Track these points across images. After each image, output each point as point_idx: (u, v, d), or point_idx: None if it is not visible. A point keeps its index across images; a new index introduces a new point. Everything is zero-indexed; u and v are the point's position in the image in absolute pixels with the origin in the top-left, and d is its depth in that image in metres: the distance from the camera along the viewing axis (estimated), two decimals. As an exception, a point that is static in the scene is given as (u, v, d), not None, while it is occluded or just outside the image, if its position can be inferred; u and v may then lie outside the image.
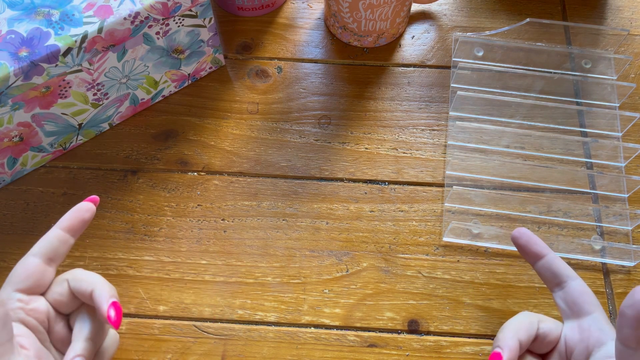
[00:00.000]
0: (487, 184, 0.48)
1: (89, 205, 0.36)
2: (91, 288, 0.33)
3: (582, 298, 0.34)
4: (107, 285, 0.34)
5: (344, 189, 0.47)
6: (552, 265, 0.35)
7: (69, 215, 0.35)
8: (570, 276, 0.35)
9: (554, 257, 0.35)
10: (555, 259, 0.35)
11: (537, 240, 0.36)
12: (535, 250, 0.36)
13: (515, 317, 0.36)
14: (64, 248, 0.35)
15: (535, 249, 0.36)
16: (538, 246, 0.36)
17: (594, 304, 0.34)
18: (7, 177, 0.46)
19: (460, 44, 0.53)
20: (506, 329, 0.34)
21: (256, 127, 0.50)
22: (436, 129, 0.50)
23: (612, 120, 0.50)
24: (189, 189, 0.47)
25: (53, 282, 0.35)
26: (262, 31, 0.55)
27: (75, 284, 0.34)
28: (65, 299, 0.34)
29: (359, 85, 0.52)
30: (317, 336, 0.42)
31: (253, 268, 0.44)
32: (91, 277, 0.34)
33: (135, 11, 0.41)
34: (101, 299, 0.32)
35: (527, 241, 0.36)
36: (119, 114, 0.49)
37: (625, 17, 0.56)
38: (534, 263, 0.36)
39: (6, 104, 0.40)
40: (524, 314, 0.36)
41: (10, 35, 0.39)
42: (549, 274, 0.35)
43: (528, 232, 0.36)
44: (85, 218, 0.35)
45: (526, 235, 0.36)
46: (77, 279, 0.34)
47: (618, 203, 0.47)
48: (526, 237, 0.36)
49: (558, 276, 0.35)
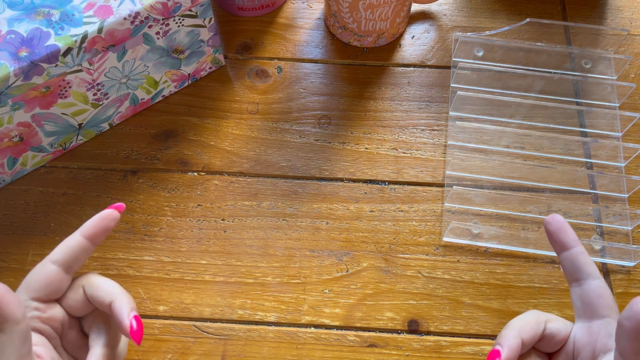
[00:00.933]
0: (487, 184, 0.48)
1: (115, 214, 0.34)
2: (110, 299, 0.32)
3: (599, 300, 0.33)
4: (127, 297, 0.33)
5: (344, 189, 0.47)
6: (577, 259, 0.34)
7: (93, 222, 0.34)
8: (591, 274, 0.33)
9: (581, 251, 0.34)
10: (582, 253, 0.34)
11: (568, 230, 0.34)
12: (563, 239, 0.34)
13: (522, 315, 0.35)
14: (84, 256, 0.34)
15: (564, 238, 0.34)
16: (567, 236, 0.34)
17: (609, 308, 0.33)
18: (7, 177, 0.46)
19: (460, 44, 0.53)
20: (510, 326, 0.34)
21: (256, 127, 0.50)
22: (436, 129, 0.50)
23: (612, 120, 0.50)
24: (189, 189, 0.47)
25: None
26: (262, 31, 0.55)
27: (93, 292, 0.33)
28: (80, 305, 0.33)
29: (359, 85, 0.52)
30: (317, 336, 0.42)
31: (253, 268, 0.44)
32: (109, 286, 0.33)
33: (135, 11, 0.41)
34: (122, 313, 0.31)
35: (557, 228, 0.34)
36: (119, 114, 0.49)
37: (625, 17, 0.56)
38: (560, 252, 0.35)
39: (6, 104, 0.40)
40: (532, 312, 0.35)
41: (10, 35, 0.39)
42: (572, 267, 0.34)
43: (561, 220, 0.34)
44: (110, 227, 0.34)
45: (558, 223, 0.34)
46: (94, 286, 0.33)
47: (618, 203, 0.47)
48: (557, 224, 0.34)
49: (579, 272, 0.34)
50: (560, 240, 0.34)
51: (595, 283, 0.33)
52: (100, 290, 0.33)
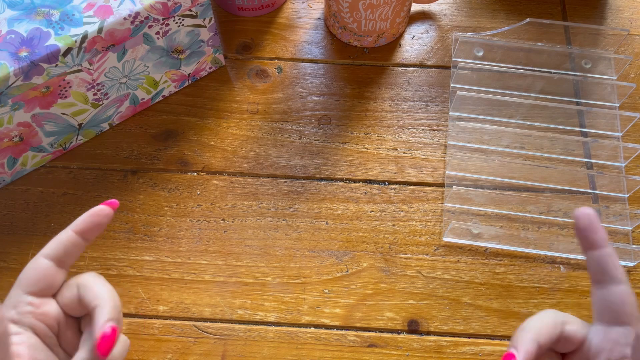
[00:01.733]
0: (487, 184, 0.48)
1: (107, 210, 0.34)
2: (95, 304, 0.31)
3: (622, 307, 0.31)
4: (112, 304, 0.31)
5: (344, 189, 0.47)
6: (604, 261, 0.32)
7: (84, 218, 0.33)
8: (616, 278, 0.32)
9: (610, 252, 0.32)
10: (610, 255, 0.32)
11: (598, 229, 0.32)
12: (592, 238, 0.32)
13: (539, 315, 0.33)
14: (76, 251, 0.33)
15: (593, 237, 0.32)
16: (597, 235, 0.32)
17: (631, 316, 0.31)
18: (7, 177, 0.46)
19: (460, 44, 0.53)
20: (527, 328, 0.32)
21: (256, 127, 0.50)
22: (436, 129, 0.50)
23: (612, 120, 0.50)
24: (189, 189, 0.47)
25: (65, 285, 0.34)
26: (262, 31, 0.55)
27: (82, 291, 0.32)
28: (75, 304, 0.33)
29: (359, 85, 0.52)
30: (317, 336, 0.42)
31: (253, 268, 0.44)
32: (99, 289, 0.32)
33: (135, 11, 0.41)
34: (99, 320, 0.30)
35: (587, 225, 0.32)
36: (119, 114, 0.49)
37: (625, 17, 0.56)
38: (586, 250, 0.33)
39: (6, 104, 0.40)
40: (549, 313, 0.33)
41: (10, 35, 0.39)
42: (597, 268, 0.32)
43: (592, 216, 0.32)
44: (102, 223, 0.33)
45: (588, 219, 0.32)
46: (85, 286, 0.32)
47: (618, 203, 0.47)
48: (587, 221, 0.32)
49: (605, 274, 0.32)
50: (589, 239, 0.32)
51: (620, 288, 0.32)
52: (88, 292, 0.32)
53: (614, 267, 0.32)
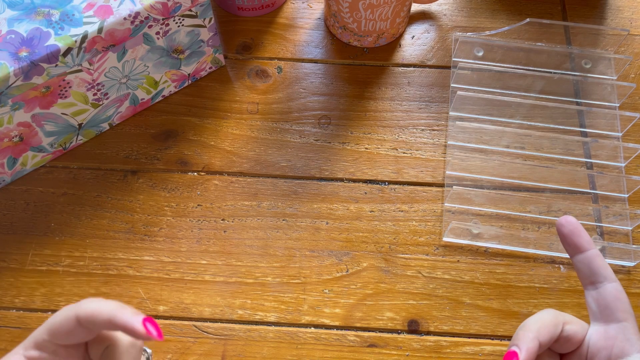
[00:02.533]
0: (487, 184, 0.48)
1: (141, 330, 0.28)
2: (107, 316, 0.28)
3: (616, 304, 0.32)
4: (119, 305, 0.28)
5: (344, 189, 0.47)
6: (592, 262, 0.33)
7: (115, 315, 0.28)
8: (607, 277, 0.33)
9: (596, 254, 0.33)
10: (597, 256, 0.33)
11: (582, 233, 0.33)
12: (577, 242, 0.33)
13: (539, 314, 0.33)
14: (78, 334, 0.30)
15: (578, 241, 0.33)
16: (582, 239, 0.33)
17: (627, 312, 0.32)
18: (7, 177, 0.46)
19: (460, 44, 0.53)
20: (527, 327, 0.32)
21: (256, 127, 0.50)
22: (436, 129, 0.50)
23: (612, 120, 0.50)
24: (189, 189, 0.47)
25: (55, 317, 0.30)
26: (262, 31, 0.55)
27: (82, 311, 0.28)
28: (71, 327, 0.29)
29: (359, 85, 0.52)
30: (317, 336, 0.42)
31: (253, 268, 0.44)
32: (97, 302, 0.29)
33: (135, 11, 0.41)
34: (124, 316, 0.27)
35: (571, 231, 0.33)
36: (119, 114, 0.49)
37: (625, 17, 0.56)
38: (573, 255, 0.34)
39: (6, 104, 0.40)
40: (548, 312, 0.33)
41: (10, 35, 0.39)
42: (586, 270, 0.33)
43: (574, 222, 0.34)
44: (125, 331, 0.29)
45: (571, 225, 0.33)
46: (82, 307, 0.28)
47: (618, 203, 0.47)
48: (571, 227, 0.33)
49: (595, 275, 0.33)
50: (574, 243, 0.33)
51: (612, 286, 0.33)
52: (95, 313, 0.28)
53: (603, 267, 0.33)
